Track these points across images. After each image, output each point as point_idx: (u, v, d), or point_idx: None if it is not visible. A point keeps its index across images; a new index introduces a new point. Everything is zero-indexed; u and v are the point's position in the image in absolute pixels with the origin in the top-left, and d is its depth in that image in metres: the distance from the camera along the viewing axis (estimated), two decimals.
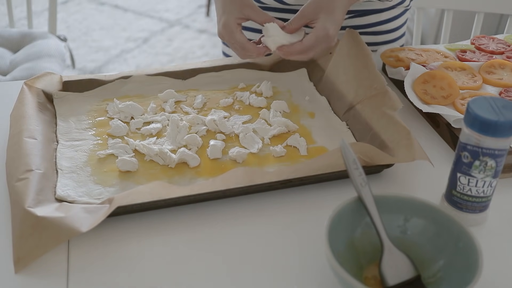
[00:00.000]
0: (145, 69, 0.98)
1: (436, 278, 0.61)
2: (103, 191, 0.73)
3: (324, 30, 0.84)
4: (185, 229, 0.69)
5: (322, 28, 0.85)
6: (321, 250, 0.60)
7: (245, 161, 0.79)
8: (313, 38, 0.85)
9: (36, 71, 1.71)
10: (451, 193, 0.69)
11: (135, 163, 0.76)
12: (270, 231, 0.69)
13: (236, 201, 0.73)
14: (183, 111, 0.89)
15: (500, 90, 0.92)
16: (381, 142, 0.78)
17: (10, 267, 0.63)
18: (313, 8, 0.86)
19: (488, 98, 0.64)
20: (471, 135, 0.64)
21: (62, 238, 0.63)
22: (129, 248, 0.66)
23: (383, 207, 0.63)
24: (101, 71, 2.85)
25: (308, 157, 0.80)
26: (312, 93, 0.96)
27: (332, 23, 0.85)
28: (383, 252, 0.61)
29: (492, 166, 0.64)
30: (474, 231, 0.60)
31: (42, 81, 0.91)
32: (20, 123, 0.79)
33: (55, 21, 1.95)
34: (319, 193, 0.75)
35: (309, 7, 0.87)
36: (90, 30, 3.25)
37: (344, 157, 0.64)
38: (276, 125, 0.85)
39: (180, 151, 0.78)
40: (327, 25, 0.84)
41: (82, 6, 3.52)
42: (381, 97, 0.84)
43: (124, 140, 0.82)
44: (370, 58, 0.91)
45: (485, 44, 1.07)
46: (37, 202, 0.67)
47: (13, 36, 1.94)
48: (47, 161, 0.75)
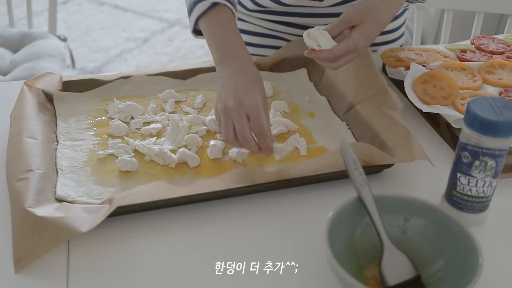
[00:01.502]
0: (145, 69, 0.98)
1: (436, 278, 0.61)
2: (103, 191, 0.73)
3: (355, 44, 0.79)
4: (185, 229, 0.69)
5: (353, 41, 0.80)
6: (321, 250, 0.60)
7: (245, 161, 0.79)
8: (342, 49, 0.79)
9: (36, 71, 1.71)
10: (451, 193, 0.69)
11: (135, 163, 0.76)
12: (270, 231, 0.69)
13: (236, 201, 0.73)
14: (183, 111, 0.89)
15: (500, 90, 0.92)
16: (381, 142, 0.78)
17: (10, 267, 0.63)
18: (358, 14, 0.81)
19: (488, 98, 0.64)
20: (471, 135, 0.64)
21: (62, 238, 0.63)
22: (129, 248, 0.66)
23: (383, 207, 0.63)
24: (101, 71, 2.85)
25: (308, 157, 0.80)
26: (312, 93, 0.96)
27: (366, 37, 0.80)
28: (383, 252, 0.61)
29: (492, 166, 0.64)
30: (474, 231, 0.60)
31: (42, 81, 0.91)
32: (20, 123, 0.79)
33: (55, 21, 1.94)
34: (319, 193, 0.75)
35: (353, 13, 0.81)
36: (90, 30, 3.25)
37: (344, 157, 0.64)
38: (276, 125, 0.85)
39: (180, 151, 0.78)
40: (360, 39, 0.79)
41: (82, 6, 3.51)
42: (381, 97, 0.84)
43: (124, 140, 0.82)
44: (370, 58, 0.91)
45: (485, 44, 1.07)
46: (37, 202, 0.67)
47: (13, 36, 1.94)
48: (47, 161, 0.75)
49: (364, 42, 0.80)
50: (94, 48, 3.06)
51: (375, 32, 0.81)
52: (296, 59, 1.01)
